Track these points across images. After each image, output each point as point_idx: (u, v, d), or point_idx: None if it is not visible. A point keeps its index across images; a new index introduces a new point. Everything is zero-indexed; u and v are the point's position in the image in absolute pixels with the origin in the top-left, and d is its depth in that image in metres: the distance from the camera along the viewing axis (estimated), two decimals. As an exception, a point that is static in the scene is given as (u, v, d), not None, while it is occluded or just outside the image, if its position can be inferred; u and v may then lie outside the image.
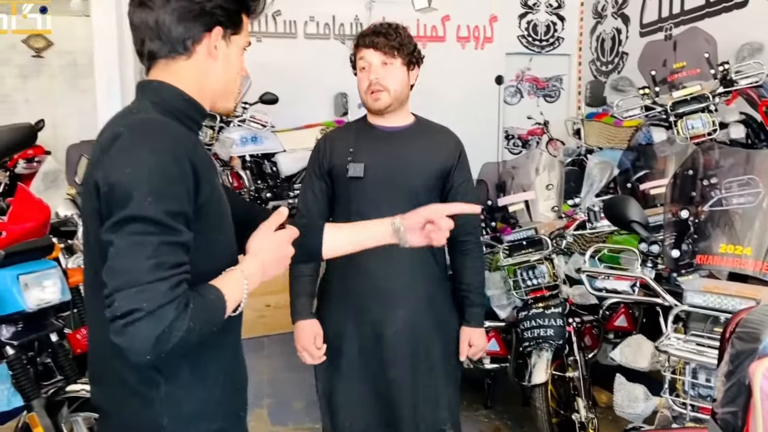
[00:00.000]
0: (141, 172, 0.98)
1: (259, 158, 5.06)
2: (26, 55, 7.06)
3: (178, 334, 0.95)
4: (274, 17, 5.92)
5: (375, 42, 1.91)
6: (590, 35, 6.31)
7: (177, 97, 1.14)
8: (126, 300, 0.93)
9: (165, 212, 0.97)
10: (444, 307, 2.10)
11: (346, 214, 2.00)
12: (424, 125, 2.11)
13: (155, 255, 0.95)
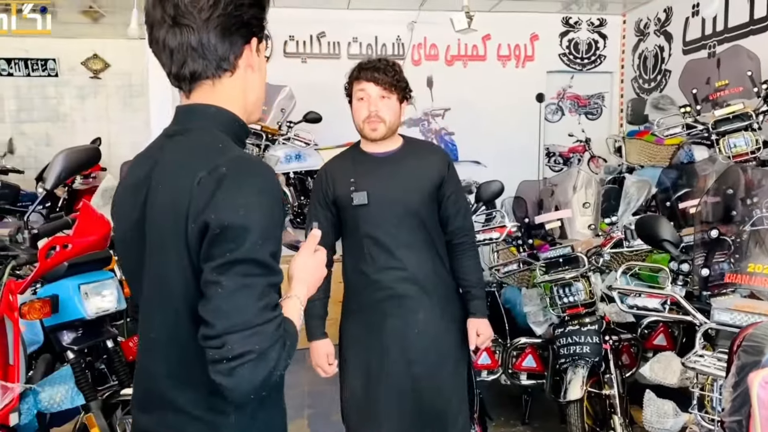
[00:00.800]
0: (253, 214, 0.98)
1: (303, 175, 5.19)
2: (84, 76, 7.43)
3: (278, 372, 0.97)
4: (318, 39, 6.10)
5: (375, 77, 2.09)
6: (632, 53, 6.28)
7: (233, 122, 1.14)
8: (239, 343, 0.93)
9: (270, 254, 0.99)
10: (456, 305, 2.32)
11: (356, 237, 2.21)
12: (412, 145, 2.31)
13: (263, 297, 0.97)
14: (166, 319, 1.07)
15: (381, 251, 2.17)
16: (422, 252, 2.21)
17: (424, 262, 2.21)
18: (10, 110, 7.43)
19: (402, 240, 2.18)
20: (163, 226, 1.05)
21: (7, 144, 6.59)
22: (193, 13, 1.04)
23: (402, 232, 2.18)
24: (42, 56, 7.35)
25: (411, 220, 2.18)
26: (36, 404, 1.65)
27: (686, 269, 1.78)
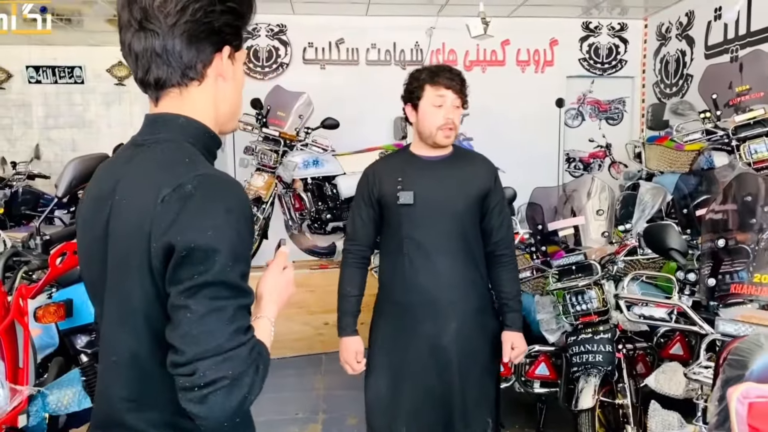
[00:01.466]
0: (222, 234, 0.93)
1: (320, 181, 5.22)
2: (109, 83, 7.58)
3: (252, 397, 0.93)
4: (337, 45, 6.15)
5: (455, 86, 2.14)
6: (654, 57, 6.20)
7: (203, 134, 1.09)
8: (211, 369, 0.89)
9: (240, 275, 0.95)
10: (489, 316, 2.31)
11: (397, 238, 2.21)
12: (461, 153, 2.32)
13: (234, 320, 0.92)
14: (128, 341, 1.02)
15: (420, 254, 2.17)
16: (460, 259, 2.20)
17: (462, 270, 2.20)
18: (38, 116, 7.61)
19: (443, 245, 2.18)
20: (125, 245, 1.00)
21: (34, 150, 6.74)
22: (159, 17, 0.99)
23: (444, 237, 2.18)
24: (69, 64, 7.52)
25: (454, 226, 2.19)
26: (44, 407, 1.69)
27: (693, 279, 1.76)
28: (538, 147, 6.21)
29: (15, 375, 1.60)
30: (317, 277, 5.12)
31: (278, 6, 5.76)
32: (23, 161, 6.65)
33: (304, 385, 4.37)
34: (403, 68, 6.20)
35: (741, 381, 0.85)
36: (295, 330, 4.96)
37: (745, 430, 0.78)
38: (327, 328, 5.05)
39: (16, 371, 1.61)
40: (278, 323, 4.10)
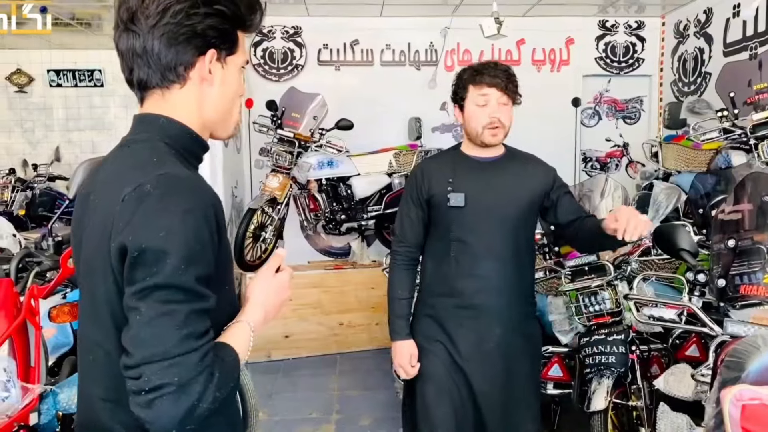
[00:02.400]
0: (174, 237, 0.90)
1: (335, 181, 5.24)
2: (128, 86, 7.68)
3: (205, 405, 0.90)
4: (351, 46, 6.16)
5: (499, 83, 2.06)
6: (672, 55, 6.13)
7: (185, 135, 1.07)
8: (156, 374, 0.87)
9: (195, 278, 0.92)
10: (533, 325, 2.26)
11: (445, 239, 2.16)
12: (515, 154, 2.27)
13: (185, 325, 0.89)
14: (99, 339, 1.01)
15: (467, 257, 2.12)
16: (509, 264, 2.14)
17: (509, 275, 2.14)
18: (58, 119, 7.73)
19: (491, 249, 2.12)
20: (91, 244, 1.01)
21: (54, 152, 6.85)
22: (141, 18, 1.00)
23: (493, 241, 2.12)
24: (88, 67, 7.63)
25: (505, 230, 2.13)
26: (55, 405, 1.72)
27: (703, 279, 1.74)
28: (554, 146, 6.14)
29: (27, 373, 1.63)
30: (332, 277, 5.15)
31: (293, 8, 5.79)
32: (44, 163, 6.77)
33: (318, 385, 4.39)
34: (418, 69, 6.20)
35: (737, 383, 0.84)
36: (310, 330, 4.98)
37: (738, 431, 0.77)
38: (342, 329, 5.08)
39: (28, 370, 1.64)
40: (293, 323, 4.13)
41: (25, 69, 7.57)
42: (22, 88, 7.58)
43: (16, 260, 1.78)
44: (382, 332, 4.99)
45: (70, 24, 6.37)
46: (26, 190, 6.13)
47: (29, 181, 6.26)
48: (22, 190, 6.08)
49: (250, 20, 1.10)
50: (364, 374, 4.58)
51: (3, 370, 1.56)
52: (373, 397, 4.13)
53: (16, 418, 1.60)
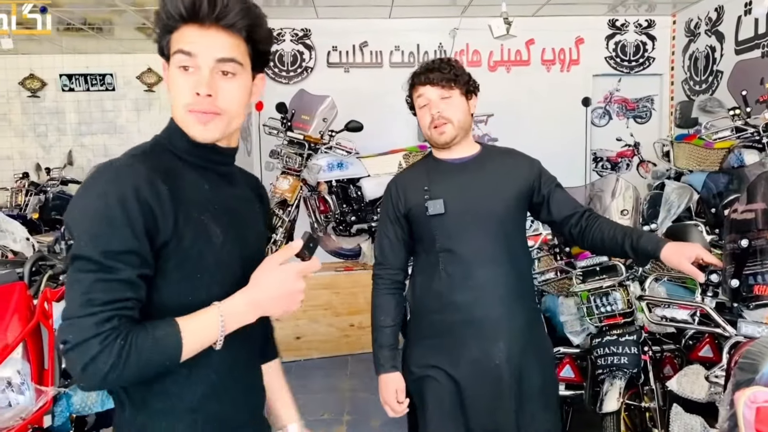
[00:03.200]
0: (84, 215, 1.01)
1: (345, 183, 5.24)
2: (139, 89, 7.73)
3: (103, 367, 0.96)
4: (361, 48, 6.18)
5: (431, 78, 1.92)
6: (683, 54, 6.09)
7: (175, 133, 1.17)
8: (63, 331, 0.98)
9: (102, 252, 0.99)
10: (539, 332, 2.11)
11: (431, 253, 1.99)
12: (491, 151, 2.10)
13: (87, 292, 0.98)
14: None
15: (458, 267, 1.95)
16: (503, 268, 1.96)
17: (506, 280, 1.96)
18: (71, 123, 7.79)
19: (483, 254, 1.95)
20: None
21: (67, 156, 6.92)
22: None
23: (483, 245, 1.95)
24: (100, 71, 7.69)
25: (492, 232, 1.96)
26: (69, 407, 1.74)
27: (716, 279, 1.72)
28: (564, 147, 6.15)
29: (40, 376, 1.64)
30: (342, 278, 5.15)
31: (302, 11, 5.82)
32: (57, 167, 6.83)
33: (329, 386, 4.40)
34: (427, 70, 6.20)
35: (751, 385, 0.83)
36: (320, 332, 4.99)
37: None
38: (353, 330, 5.08)
39: (42, 372, 1.66)
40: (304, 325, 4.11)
41: (38, 74, 7.64)
42: (35, 93, 7.66)
43: (29, 264, 1.80)
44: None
45: (82, 29, 6.43)
46: (39, 193, 6.18)
47: (42, 185, 6.32)
48: (35, 193, 6.14)
49: (176, 13, 1.10)
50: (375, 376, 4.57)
51: (17, 372, 1.58)
52: (385, 398, 4.12)
53: (30, 420, 1.61)
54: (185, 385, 1.11)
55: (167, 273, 1.06)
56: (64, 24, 6.27)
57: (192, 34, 1.10)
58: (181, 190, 1.09)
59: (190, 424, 1.12)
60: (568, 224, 2.05)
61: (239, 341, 1.13)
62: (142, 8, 5.72)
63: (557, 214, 2.04)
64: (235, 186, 1.24)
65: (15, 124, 7.72)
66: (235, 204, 1.21)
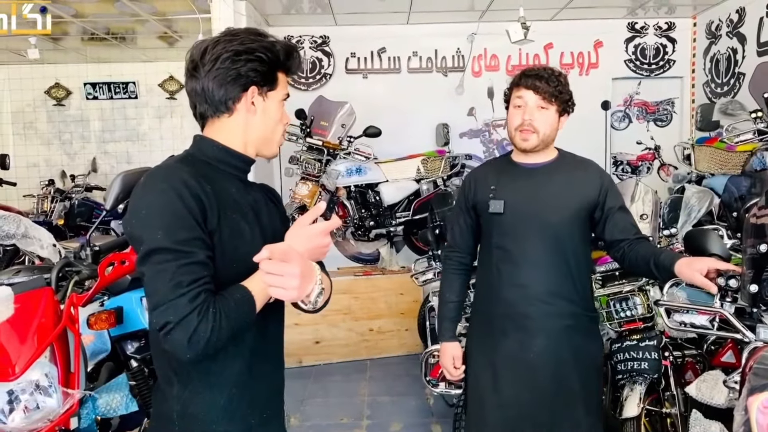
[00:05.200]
0: (151, 213, 1.18)
1: (363, 188, 5.28)
2: (161, 97, 7.85)
3: (205, 335, 1.13)
4: (379, 54, 6.21)
5: (536, 86, 2.01)
6: (704, 56, 6.03)
7: (212, 147, 1.35)
8: (159, 317, 1.14)
9: (176, 241, 1.16)
10: (585, 336, 2.14)
11: (488, 247, 2.17)
12: (567, 160, 2.18)
13: (174, 277, 1.14)
14: None
15: (508, 265, 2.09)
16: (552, 272, 2.06)
17: (552, 284, 2.06)
18: (95, 131, 7.94)
19: (532, 256, 2.06)
20: None
21: (91, 163, 7.04)
22: (200, 67, 1.30)
23: (534, 249, 2.06)
24: (123, 80, 7.83)
25: (546, 237, 2.06)
26: (94, 410, 1.79)
27: (734, 285, 1.71)
28: (583, 150, 5.97)
29: (67, 379, 1.69)
30: (361, 283, 5.17)
31: (321, 18, 5.87)
32: (82, 174, 6.95)
33: (349, 390, 4.42)
34: (445, 75, 6.22)
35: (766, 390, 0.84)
36: (340, 336, 5.02)
37: (766, 439, 0.77)
38: (371, 335, 5.10)
39: (68, 375, 1.70)
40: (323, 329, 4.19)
41: (63, 83, 7.80)
42: (60, 102, 7.82)
43: (56, 269, 1.85)
44: (411, 338, 5.00)
45: (105, 38, 6.55)
46: (65, 200, 6.30)
47: (67, 192, 6.44)
48: (60, 200, 6.25)
49: (288, 64, 1.38)
50: (394, 380, 4.59)
51: (45, 375, 1.63)
52: (404, 403, 4.13)
53: (58, 422, 1.66)
54: (224, 364, 1.29)
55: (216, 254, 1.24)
56: (88, 34, 6.39)
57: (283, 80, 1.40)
58: (218, 192, 1.28)
59: (228, 398, 1.30)
60: (617, 247, 2.12)
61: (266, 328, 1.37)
62: (164, 17, 5.82)
63: (609, 235, 2.11)
64: (252, 190, 1.44)
65: (41, 132, 7.89)
66: (256, 205, 1.40)
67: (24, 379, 1.59)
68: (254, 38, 1.33)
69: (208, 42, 1.33)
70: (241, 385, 1.33)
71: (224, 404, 1.31)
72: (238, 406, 1.33)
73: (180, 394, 1.29)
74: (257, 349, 1.36)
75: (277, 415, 1.48)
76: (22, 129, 7.88)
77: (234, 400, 1.32)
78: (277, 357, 1.47)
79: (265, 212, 1.42)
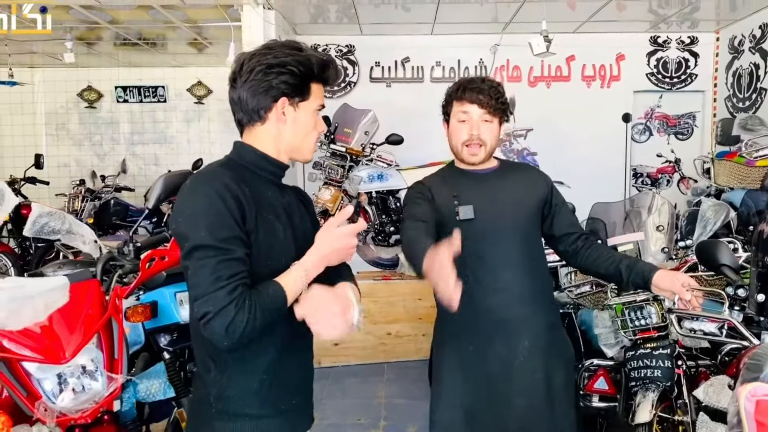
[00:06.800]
0: (195, 212, 1.29)
1: (384, 194, 5.38)
2: (189, 101, 8.04)
3: (241, 324, 1.23)
4: (403, 64, 6.33)
5: (481, 100, 2.00)
6: (726, 71, 6.06)
7: (250, 152, 1.46)
8: (200, 307, 1.24)
9: (218, 239, 1.27)
10: (560, 332, 2.19)
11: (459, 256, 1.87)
12: (510, 165, 2.23)
13: (214, 272, 1.25)
14: None
15: (486, 271, 2.03)
16: (527, 273, 2.06)
17: (529, 283, 2.06)
18: (124, 133, 8.16)
19: (509, 258, 2.04)
20: None
21: (121, 164, 7.23)
22: (238, 78, 1.43)
23: (509, 250, 2.05)
24: (153, 84, 8.03)
25: (517, 238, 2.06)
26: (135, 394, 1.91)
27: (743, 294, 1.79)
28: (604, 162, 6.17)
29: (111, 365, 1.82)
30: (380, 288, 5.26)
31: (347, 28, 6.00)
32: (111, 175, 7.15)
33: (366, 392, 4.50)
34: (468, 85, 6.31)
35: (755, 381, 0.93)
36: (358, 339, 5.11)
37: (753, 425, 0.86)
38: (389, 338, 5.18)
39: (113, 361, 1.83)
40: (342, 332, 4.04)
41: (95, 86, 8.03)
42: (91, 104, 8.05)
43: (101, 263, 1.99)
44: (428, 343, 5.05)
45: (137, 43, 6.74)
46: (94, 199, 6.50)
47: (97, 192, 6.64)
48: (90, 199, 6.45)
49: (325, 76, 1.47)
50: (411, 383, 4.66)
51: (91, 360, 1.75)
52: (420, 405, 4.19)
53: (102, 404, 1.79)
54: (257, 353, 1.40)
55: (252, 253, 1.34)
56: (121, 39, 6.60)
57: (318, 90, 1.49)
58: (255, 194, 1.38)
59: (259, 384, 1.41)
60: (566, 241, 2.14)
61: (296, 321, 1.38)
62: (194, 24, 5.99)
63: (558, 229, 2.15)
64: (286, 194, 1.54)
65: (72, 133, 8.12)
66: (290, 208, 1.51)
67: (73, 363, 1.72)
68: (289, 52, 1.42)
69: (246, 55, 1.44)
70: (272, 373, 1.42)
71: (256, 389, 1.40)
72: (269, 392, 1.42)
73: (217, 379, 1.39)
74: (288, 341, 1.45)
75: (307, 402, 1.57)
76: (54, 130, 8.12)
77: (265, 386, 1.41)
78: (306, 348, 1.56)
79: (297, 214, 1.52)
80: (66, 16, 5.52)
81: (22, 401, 1.68)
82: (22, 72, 7.48)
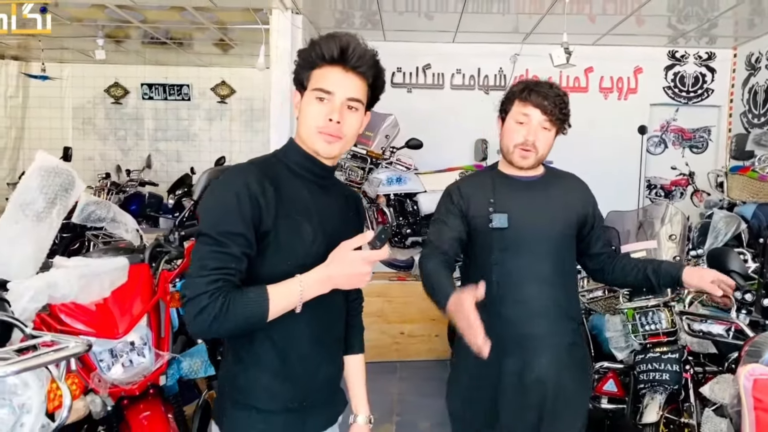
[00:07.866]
0: (209, 202, 1.36)
1: (402, 197, 5.50)
2: (213, 100, 8.22)
3: (209, 318, 1.23)
4: (423, 70, 6.46)
5: (545, 106, 1.93)
6: (742, 87, 6.14)
7: (296, 152, 1.46)
8: (183, 288, 1.30)
9: (217, 231, 1.28)
10: (582, 351, 2.13)
11: (485, 263, 1.98)
12: (554, 173, 2.15)
13: (203, 259, 1.28)
14: None
15: (511, 281, 1.97)
16: (554, 288, 2.00)
17: (555, 299, 1.99)
18: (148, 129, 8.35)
19: (537, 272, 1.98)
20: None
21: (146, 160, 7.42)
22: None
23: (539, 263, 1.98)
24: (178, 82, 8.22)
25: (549, 252, 1.99)
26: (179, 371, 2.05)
27: (750, 299, 1.90)
28: (619, 173, 6.25)
29: (159, 342, 1.96)
30: (395, 288, 5.38)
31: (371, 33, 6.14)
32: (135, 169, 7.34)
33: (379, 389, 4.59)
34: (486, 93, 6.44)
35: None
36: (371, 338, 5.14)
37: (751, 401, 0.98)
38: (402, 338, 5.29)
39: (160, 340, 1.97)
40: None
41: (122, 82, 8.23)
42: (118, 100, 8.24)
43: (149, 249, 2.13)
44: (441, 344, 5.18)
45: (165, 42, 6.92)
46: (119, 193, 6.68)
47: (122, 185, 6.82)
48: (116, 192, 6.63)
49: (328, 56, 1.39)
50: (423, 382, 4.75)
51: (141, 338, 1.90)
52: (432, 403, 4.29)
53: (149, 378, 1.93)
54: (264, 349, 1.40)
55: (266, 257, 1.34)
56: (148, 37, 6.78)
57: (335, 76, 1.40)
58: (285, 193, 1.36)
59: (267, 380, 1.40)
60: (597, 260, 2.16)
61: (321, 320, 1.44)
62: (222, 26, 6.15)
63: (595, 248, 2.14)
64: (330, 196, 1.49)
65: (98, 128, 8.32)
66: (327, 210, 1.46)
67: (124, 340, 1.86)
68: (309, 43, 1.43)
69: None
70: (280, 372, 1.40)
71: (265, 384, 1.40)
72: (279, 390, 1.40)
73: (233, 367, 1.42)
74: (298, 343, 1.42)
75: (323, 405, 1.51)
76: (81, 124, 8.32)
77: (273, 383, 1.40)
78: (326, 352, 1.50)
79: (335, 219, 1.46)
80: (101, 15, 5.70)
81: (78, 371, 1.82)
82: (52, 67, 7.68)
